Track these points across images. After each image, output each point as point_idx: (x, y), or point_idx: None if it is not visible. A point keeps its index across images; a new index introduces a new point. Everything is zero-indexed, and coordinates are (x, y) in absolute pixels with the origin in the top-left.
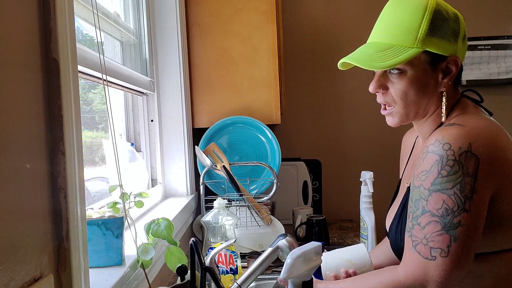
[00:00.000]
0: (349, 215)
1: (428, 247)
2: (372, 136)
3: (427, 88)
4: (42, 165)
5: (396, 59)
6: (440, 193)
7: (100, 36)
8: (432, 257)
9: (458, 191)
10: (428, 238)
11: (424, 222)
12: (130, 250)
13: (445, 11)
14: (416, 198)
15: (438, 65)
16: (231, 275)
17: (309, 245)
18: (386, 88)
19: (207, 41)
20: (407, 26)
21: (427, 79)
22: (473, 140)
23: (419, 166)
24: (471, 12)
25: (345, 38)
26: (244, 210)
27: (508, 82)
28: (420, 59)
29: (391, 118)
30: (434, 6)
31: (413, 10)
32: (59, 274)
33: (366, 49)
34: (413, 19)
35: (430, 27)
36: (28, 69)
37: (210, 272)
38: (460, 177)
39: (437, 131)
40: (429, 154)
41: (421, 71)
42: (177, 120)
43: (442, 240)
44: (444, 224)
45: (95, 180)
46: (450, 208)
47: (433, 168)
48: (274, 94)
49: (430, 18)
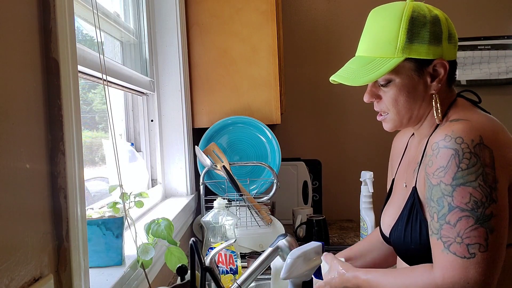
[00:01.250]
0: (349, 215)
1: (464, 244)
2: (372, 136)
3: (417, 93)
4: (42, 165)
5: (378, 72)
6: (465, 187)
7: (100, 36)
8: (471, 255)
9: (483, 182)
10: (462, 235)
11: (454, 219)
12: (130, 250)
13: (422, 16)
14: (438, 196)
15: (424, 70)
16: (231, 275)
17: (309, 245)
18: (379, 97)
19: (207, 41)
20: (386, 38)
21: (415, 84)
22: (482, 132)
23: (432, 164)
24: (471, 12)
25: (345, 37)
26: (244, 210)
27: (508, 82)
28: (404, 67)
29: (386, 124)
30: (410, 14)
31: (389, 20)
32: (59, 274)
33: (351, 65)
34: (390, 30)
35: (408, 35)
36: (28, 69)
37: (210, 272)
38: (480, 169)
39: (445, 126)
40: (442, 150)
41: (407, 78)
42: (177, 120)
43: (478, 234)
44: (476, 217)
45: (95, 180)
46: (479, 200)
47: (450, 163)
48: (274, 94)
49: (407, 26)
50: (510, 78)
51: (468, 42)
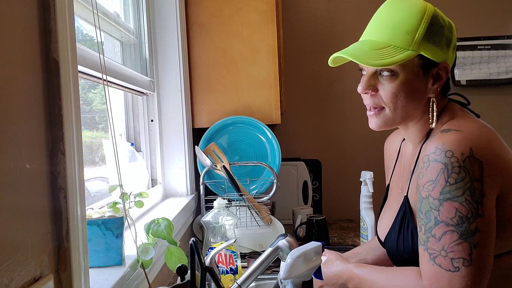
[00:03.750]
0: (349, 215)
1: (449, 258)
2: (373, 136)
3: (417, 93)
4: (42, 165)
5: (393, 59)
6: (451, 202)
7: (100, 36)
8: (455, 268)
9: (469, 197)
10: (447, 249)
11: (439, 233)
12: (130, 250)
13: (441, 18)
14: (426, 209)
15: (430, 71)
16: (231, 275)
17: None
18: (376, 89)
19: (207, 41)
20: (406, 28)
21: (418, 83)
22: (473, 144)
23: (422, 176)
24: (472, 12)
25: (346, 37)
26: (244, 210)
27: (508, 82)
28: (413, 62)
29: (376, 120)
30: (432, 12)
31: (412, 12)
32: (59, 274)
33: (361, 46)
34: (412, 21)
35: (427, 31)
36: (28, 69)
37: (210, 272)
38: (468, 183)
39: (435, 138)
40: (432, 163)
41: (412, 74)
42: (177, 120)
43: (462, 249)
44: (461, 232)
45: (95, 180)
46: (464, 216)
47: (439, 177)
48: (274, 94)
49: (428, 22)
50: (510, 78)
51: (468, 42)
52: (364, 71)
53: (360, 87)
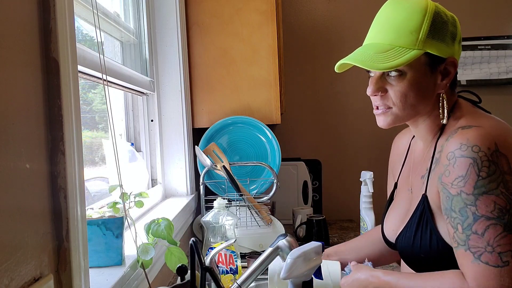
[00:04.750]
0: (349, 215)
1: (496, 253)
2: (372, 136)
3: (426, 90)
4: (42, 165)
5: (399, 60)
6: (488, 195)
7: (100, 36)
8: (504, 263)
9: (504, 190)
10: (493, 244)
11: (481, 229)
12: (130, 250)
13: (444, 14)
14: (460, 206)
15: (437, 67)
16: (231, 275)
17: (309, 245)
18: (385, 90)
19: (207, 41)
20: (409, 28)
21: (426, 81)
22: (497, 139)
23: (449, 174)
24: (472, 12)
25: (346, 37)
26: (244, 210)
27: (508, 82)
28: (420, 61)
29: (384, 117)
30: (433, 8)
31: (413, 11)
32: (59, 274)
33: (366, 50)
34: (414, 21)
35: (431, 29)
36: (28, 69)
37: (210, 272)
38: (500, 176)
39: (457, 135)
40: (458, 159)
41: (420, 73)
42: (177, 120)
43: (509, 241)
44: (504, 224)
45: (95, 180)
46: (503, 208)
47: (469, 172)
48: (274, 94)
49: (431, 19)
50: (510, 78)
51: (468, 42)
52: (372, 73)
53: (369, 90)
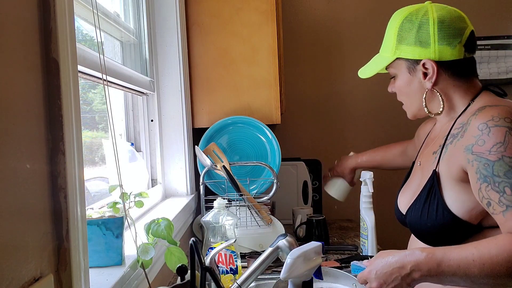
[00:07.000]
0: (349, 215)
1: None
2: (372, 136)
3: (413, 88)
4: (42, 165)
5: (374, 68)
6: None
7: (100, 36)
8: None
9: None
10: None
11: None
12: (130, 250)
13: (411, 22)
14: (504, 170)
15: (415, 68)
16: (231, 275)
17: (309, 245)
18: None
19: (207, 41)
20: (387, 38)
21: (410, 80)
22: None
23: (484, 143)
24: (471, 12)
25: (346, 37)
26: (244, 210)
27: (508, 82)
28: (401, 65)
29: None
30: (403, 18)
31: (392, 23)
32: (59, 274)
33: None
34: (391, 32)
35: (398, 37)
36: (28, 69)
37: (210, 272)
38: None
39: (486, 110)
40: (493, 128)
41: (404, 75)
42: (177, 120)
43: None
44: None
45: (95, 180)
46: None
47: (507, 138)
48: (274, 94)
49: (397, 29)
50: (510, 78)
51: None
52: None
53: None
